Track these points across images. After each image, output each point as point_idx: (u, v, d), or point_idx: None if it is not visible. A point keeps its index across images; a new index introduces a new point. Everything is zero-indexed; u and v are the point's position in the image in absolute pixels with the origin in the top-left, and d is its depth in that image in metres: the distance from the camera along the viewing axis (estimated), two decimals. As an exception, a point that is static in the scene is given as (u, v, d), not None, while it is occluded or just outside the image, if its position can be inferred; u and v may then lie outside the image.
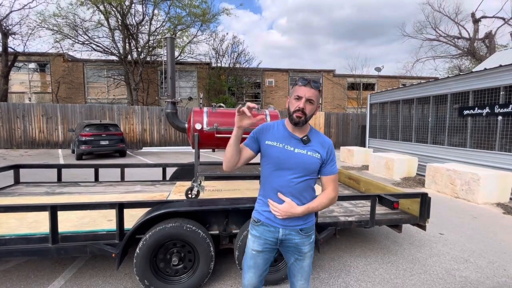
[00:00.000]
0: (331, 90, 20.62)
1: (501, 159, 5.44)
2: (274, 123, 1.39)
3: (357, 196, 2.93)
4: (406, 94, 8.42)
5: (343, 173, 4.59)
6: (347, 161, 10.00)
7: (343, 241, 3.28)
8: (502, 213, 4.41)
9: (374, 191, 3.59)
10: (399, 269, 2.69)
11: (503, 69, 5.45)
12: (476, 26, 20.76)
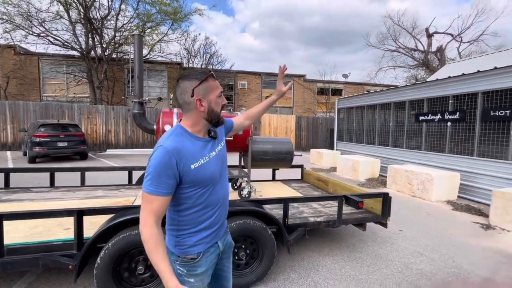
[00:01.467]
0: (302, 94, 21.26)
1: (450, 161, 6.04)
2: (177, 141, 1.04)
3: (325, 197, 3.04)
4: (370, 100, 8.98)
5: (312, 174, 4.74)
6: (316, 163, 10.35)
7: (312, 241, 3.38)
8: (451, 210, 4.88)
9: (341, 191, 3.76)
10: (364, 265, 2.84)
11: (451, 80, 6.07)
12: (430, 40, 22.91)
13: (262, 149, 3.80)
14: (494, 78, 5.21)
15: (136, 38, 3.57)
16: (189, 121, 1.11)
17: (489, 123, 5.32)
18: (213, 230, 1.15)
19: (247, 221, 2.32)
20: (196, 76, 1.06)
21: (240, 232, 2.31)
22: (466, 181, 5.59)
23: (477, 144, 5.51)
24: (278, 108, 20.89)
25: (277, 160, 3.88)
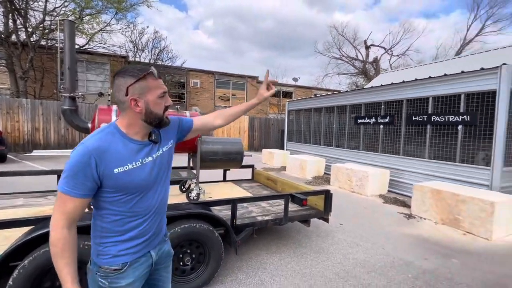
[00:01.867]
0: (255, 95, 21.61)
1: (382, 159, 6.83)
2: (103, 140, 0.95)
3: (272, 196, 3.13)
4: (317, 104, 9.61)
5: (262, 174, 4.85)
6: (268, 162, 10.64)
7: (261, 239, 3.45)
8: (382, 203, 5.52)
9: (289, 190, 3.92)
10: (308, 260, 3.01)
11: (383, 88, 6.88)
12: (367, 51, 25.61)
13: (212, 150, 3.73)
14: (415, 88, 6.07)
15: (67, 25, 3.16)
16: (125, 121, 1.01)
17: (411, 126, 6.17)
18: (143, 239, 1.06)
19: (193, 225, 2.24)
20: (132, 73, 0.96)
21: (185, 236, 2.22)
22: (395, 177, 6.39)
23: (402, 145, 6.35)
24: (232, 108, 20.88)
25: (227, 160, 3.85)
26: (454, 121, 5.26)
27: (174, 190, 3.96)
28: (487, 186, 4.71)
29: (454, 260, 3.13)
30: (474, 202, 3.87)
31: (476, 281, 2.69)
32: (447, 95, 5.44)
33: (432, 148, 5.74)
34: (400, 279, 2.69)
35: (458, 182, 5.08)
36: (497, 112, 4.64)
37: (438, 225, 4.24)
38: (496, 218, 3.68)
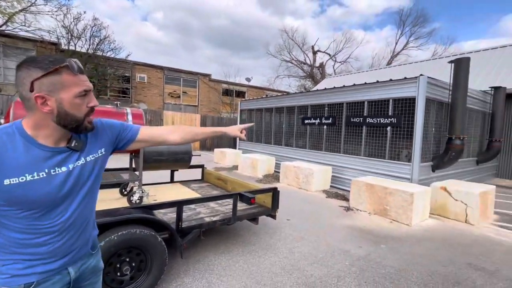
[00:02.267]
0: (207, 93, 21.20)
1: (325, 157, 7.37)
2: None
3: (221, 196, 3.10)
4: (268, 104, 9.88)
5: (213, 174, 4.77)
6: (220, 162, 10.54)
7: (209, 240, 3.38)
8: (325, 197, 5.96)
9: (239, 189, 3.93)
10: (256, 257, 3.06)
11: (326, 92, 7.43)
12: (314, 56, 27.34)
13: (156, 150, 3.52)
14: (353, 92, 6.71)
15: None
16: (31, 121, 0.85)
17: (350, 127, 6.80)
18: (53, 258, 0.92)
19: (133, 231, 2.07)
20: (41, 64, 0.79)
21: (123, 244, 2.04)
22: (336, 173, 6.96)
23: (343, 144, 6.95)
24: (183, 106, 20.08)
25: (174, 161, 3.68)
26: (384, 122, 5.97)
27: (114, 194, 3.61)
28: (408, 179, 5.47)
29: (383, 245, 3.55)
30: (398, 194, 4.45)
31: (399, 261, 3.10)
32: (379, 99, 6.14)
33: (367, 146, 6.42)
34: (339, 267, 2.93)
35: (388, 176, 5.79)
36: (416, 115, 5.42)
37: (371, 216, 4.76)
38: (415, 207, 4.30)
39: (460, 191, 4.60)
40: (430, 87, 5.46)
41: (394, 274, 2.82)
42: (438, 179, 5.71)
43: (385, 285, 2.62)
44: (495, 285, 2.70)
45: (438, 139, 5.96)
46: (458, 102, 5.46)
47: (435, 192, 4.89)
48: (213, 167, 9.58)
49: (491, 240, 3.86)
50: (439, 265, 3.06)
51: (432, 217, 4.75)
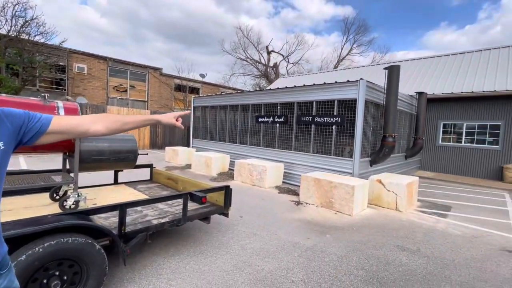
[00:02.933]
0: (158, 88, 20.02)
1: (278, 154, 7.63)
2: None
3: (170, 197, 2.96)
4: (223, 101, 9.77)
5: (162, 174, 4.54)
6: (172, 161, 10.08)
7: (157, 244, 3.21)
8: (278, 193, 6.18)
9: (190, 188, 3.81)
10: (207, 257, 3.01)
11: (279, 91, 7.68)
12: (269, 56, 27.98)
13: (96, 148, 3.18)
14: (303, 93, 7.06)
15: None
16: None
17: (300, 125, 7.15)
18: None
19: (64, 240, 1.84)
20: None
21: (50, 256, 1.80)
22: (288, 169, 7.26)
23: (294, 141, 7.28)
24: (130, 101, 18.60)
25: (116, 160, 3.38)
26: (330, 122, 6.44)
27: (43, 199, 3.16)
28: (350, 174, 6.01)
29: (328, 235, 3.83)
30: (341, 187, 4.86)
31: (341, 249, 3.39)
32: (326, 100, 6.59)
33: (316, 144, 6.84)
34: (288, 259, 3.07)
35: (333, 171, 6.27)
36: (357, 116, 5.97)
37: (318, 208, 5.10)
38: (355, 198, 4.75)
39: (392, 182, 5.23)
40: (369, 90, 6.06)
41: (337, 261, 3.07)
42: (375, 173, 6.40)
43: (329, 272, 2.84)
44: (416, 262, 3.14)
45: (375, 137, 6.67)
46: (391, 104, 6.18)
47: (372, 185, 5.47)
48: (164, 166, 9.11)
49: (414, 223, 4.49)
50: (374, 249, 3.43)
51: (369, 207, 5.31)
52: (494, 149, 9.01)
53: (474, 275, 2.91)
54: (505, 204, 5.95)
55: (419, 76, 11.72)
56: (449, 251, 3.49)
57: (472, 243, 3.78)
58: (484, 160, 9.20)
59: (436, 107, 10.08)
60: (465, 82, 9.85)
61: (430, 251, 3.45)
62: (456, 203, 5.91)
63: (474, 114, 9.38)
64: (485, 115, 9.16)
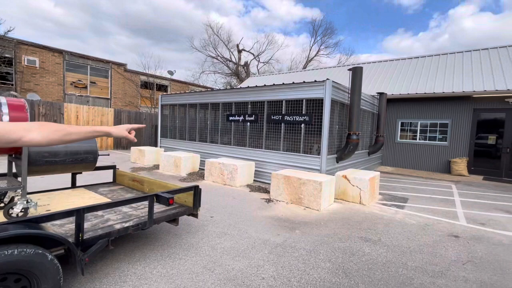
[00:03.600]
0: (123, 85, 18.91)
1: (249, 153, 7.66)
2: None
3: (135, 199, 2.81)
4: (192, 99, 9.53)
5: (127, 175, 4.29)
6: (138, 161, 9.59)
7: (121, 249, 3.04)
8: (249, 191, 6.20)
9: (157, 190, 3.66)
10: (176, 259, 2.92)
11: (249, 90, 7.69)
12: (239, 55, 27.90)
13: (50, 149, 2.91)
14: (273, 92, 7.16)
15: None
16: None
17: (271, 124, 7.24)
18: None
19: (7, 252, 1.65)
20: None
21: (-8, 271, 1.60)
22: (259, 168, 7.32)
23: (264, 140, 7.36)
24: (91, 98, 17.32)
25: (73, 162, 3.12)
26: (299, 120, 6.61)
27: None
28: (318, 170, 6.23)
29: (297, 231, 3.94)
30: (310, 183, 5.02)
31: (310, 243, 3.50)
32: (295, 99, 6.75)
33: (285, 142, 6.98)
34: (259, 256, 3.09)
35: (302, 168, 6.45)
36: (323, 114, 6.20)
37: (288, 205, 5.22)
38: (323, 194, 4.94)
39: (356, 178, 5.53)
40: (334, 90, 6.33)
41: (306, 255, 3.17)
42: (341, 169, 6.71)
43: (298, 266, 2.92)
44: (377, 251, 3.36)
45: (340, 135, 6.99)
46: (355, 104, 6.52)
47: (338, 180, 5.74)
48: (130, 167, 8.65)
49: (376, 216, 4.80)
50: (340, 242, 3.60)
51: (336, 201, 5.56)
52: (443, 145, 9.98)
53: (426, 259, 3.20)
54: (452, 194, 6.62)
55: (379, 77, 12.53)
56: (406, 239, 3.79)
57: (425, 230, 4.15)
58: (435, 155, 10.15)
59: (394, 107, 10.87)
60: (419, 84, 10.75)
61: (389, 241, 3.71)
62: (412, 195, 6.44)
63: (427, 113, 10.29)
64: (436, 114, 10.10)
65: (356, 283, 2.64)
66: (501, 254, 3.44)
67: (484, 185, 7.97)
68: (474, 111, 9.45)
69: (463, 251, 3.47)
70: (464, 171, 9.30)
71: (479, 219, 4.82)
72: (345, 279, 2.71)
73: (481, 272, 2.97)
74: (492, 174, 9.26)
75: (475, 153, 9.54)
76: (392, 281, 2.71)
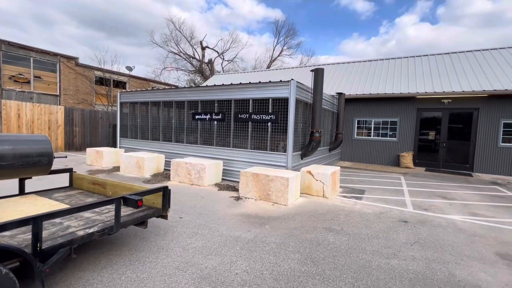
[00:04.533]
0: (74, 81, 17.26)
1: (217, 152, 7.63)
2: None
3: (99, 203, 2.65)
4: (155, 97, 9.12)
5: (86, 178, 4.00)
6: (95, 164, 8.90)
7: (85, 257, 2.85)
8: (217, 190, 6.19)
9: (122, 192, 3.49)
10: (146, 263, 2.84)
11: (216, 88, 7.65)
12: (203, 52, 27.34)
13: (-7, 153, 2.59)
14: (240, 90, 7.22)
15: None
16: None
17: (238, 123, 7.30)
18: None
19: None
20: None
21: None
22: (227, 166, 7.34)
23: (232, 138, 7.39)
24: (35, 94, 15.50)
25: (24, 166, 2.82)
26: (265, 119, 6.78)
27: None
28: (285, 167, 6.48)
29: (267, 226, 4.08)
30: (278, 180, 5.21)
31: (279, 237, 3.66)
32: (261, 98, 6.90)
33: (253, 140, 7.10)
34: (231, 253, 3.15)
35: (270, 165, 6.64)
36: (289, 113, 6.46)
37: (257, 201, 5.35)
38: (290, 189, 5.17)
39: (319, 173, 5.89)
40: (299, 90, 6.63)
41: (276, 248, 3.32)
42: (305, 165, 7.06)
43: (270, 259, 3.04)
44: (340, 239, 3.65)
45: (304, 133, 7.35)
46: (317, 103, 6.90)
47: (303, 176, 6.04)
48: (86, 170, 7.99)
49: (338, 207, 5.18)
50: (307, 233, 3.83)
51: (302, 196, 5.85)
52: (393, 141, 11.06)
53: (382, 244, 3.57)
54: (401, 185, 7.41)
55: (338, 78, 13.37)
56: (364, 227, 4.17)
57: (380, 218, 4.61)
58: (386, 150, 11.21)
59: (352, 106, 11.72)
60: (372, 85, 11.74)
61: (350, 229, 4.05)
62: (368, 187, 7.05)
63: (380, 112, 11.30)
64: (387, 113, 11.15)
65: (323, 270, 2.85)
66: (440, 234, 3.99)
67: (426, 175, 9.06)
68: (417, 110, 10.64)
69: (411, 234, 3.94)
70: (410, 163, 10.44)
71: (423, 205, 5.49)
72: (313, 267, 2.91)
73: (425, 250, 3.42)
74: (432, 165, 10.55)
75: (419, 147, 10.76)
76: (353, 265, 2.98)
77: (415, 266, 3.00)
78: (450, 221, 4.59)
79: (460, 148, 10.06)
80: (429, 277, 2.80)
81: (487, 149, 9.55)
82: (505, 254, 3.41)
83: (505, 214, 5.06)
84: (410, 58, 13.07)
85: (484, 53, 11.60)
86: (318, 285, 2.58)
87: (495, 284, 2.71)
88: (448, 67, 11.32)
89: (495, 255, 3.35)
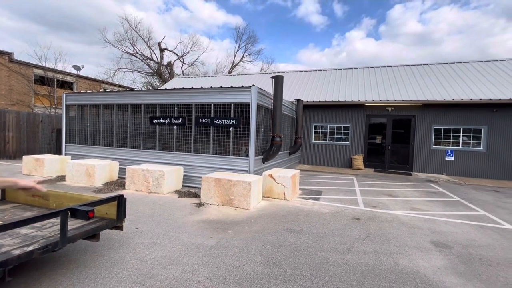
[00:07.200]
0: (8, 79, 15.14)
1: (177, 157, 7.37)
2: None
3: (39, 217, 2.36)
4: (107, 100, 8.47)
5: (22, 190, 3.52)
6: (34, 173, 7.88)
7: (21, 279, 2.50)
8: (178, 197, 5.97)
9: (68, 204, 3.16)
10: (98, 279, 2.61)
11: (176, 92, 7.42)
12: (162, 54, 26.33)
13: None
14: (201, 95, 7.12)
15: None
16: None
17: (199, 127, 7.18)
18: None
19: None
20: None
21: None
22: (188, 172, 7.13)
23: (193, 143, 7.22)
24: (-46, 93, 13.18)
25: None
26: (227, 123, 6.78)
27: None
28: (247, 171, 6.55)
29: (230, 231, 4.06)
30: (240, 184, 5.24)
31: (242, 241, 3.68)
32: (223, 103, 6.89)
33: (215, 145, 7.03)
34: (193, 261, 3.06)
35: (232, 170, 6.64)
36: (251, 118, 6.56)
37: (220, 207, 5.29)
38: (252, 193, 5.23)
39: (280, 176, 6.07)
40: (260, 95, 6.79)
41: (239, 253, 3.32)
42: (267, 169, 7.22)
43: (233, 264, 3.04)
44: (300, 239, 3.81)
45: (266, 137, 7.53)
46: (277, 109, 7.15)
47: (265, 179, 6.17)
48: (22, 181, 7.01)
49: (298, 208, 5.39)
50: (269, 236, 3.92)
51: (264, 199, 5.96)
52: (346, 144, 11.95)
53: (337, 241, 3.83)
54: (354, 185, 8.03)
55: (297, 85, 14.04)
56: (322, 226, 4.42)
57: (336, 217, 4.93)
58: (340, 153, 12.05)
59: (309, 112, 12.38)
60: (327, 92, 12.58)
61: (310, 229, 4.26)
62: (325, 188, 7.49)
63: (334, 118, 12.14)
64: (341, 119, 12.03)
65: (285, 270, 2.95)
66: (387, 228, 4.43)
67: (375, 176, 9.96)
68: (366, 116, 11.70)
69: (362, 230, 4.30)
70: (361, 165, 11.38)
71: (372, 203, 6.03)
72: (275, 268, 2.99)
73: (375, 244, 3.76)
74: (379, 167, 11.64)
75: (368, 150, 11.81)
76: (312, 263, 3.14)
77: (366, 259, 3.28)
78: (395, 216, 5.11)
79: (402, 151, 11.31)
80: (378, 267, 3.08)
81: (422, 151, 10.91)
82: (437, 242, 3.92)
83: (437, 208, 5.82)
84: (359, 69, 14.36)
85: (418, 67, 13.32)
86: (280, 285, 2.65)
87: (430, 268, 3.11)
88: (391, 78, 12.72)
89: (430, 243, 3.84)
